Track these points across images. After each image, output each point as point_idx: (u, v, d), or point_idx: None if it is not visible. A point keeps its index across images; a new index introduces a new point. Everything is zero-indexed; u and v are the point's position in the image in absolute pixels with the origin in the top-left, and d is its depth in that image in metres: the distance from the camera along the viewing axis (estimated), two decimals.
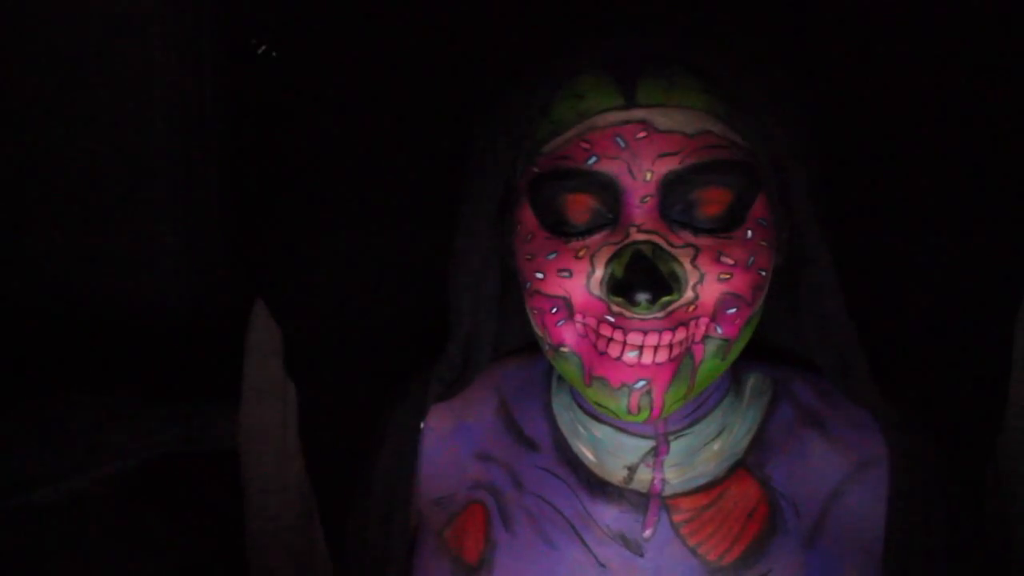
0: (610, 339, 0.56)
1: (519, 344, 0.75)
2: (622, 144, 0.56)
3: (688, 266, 0.55)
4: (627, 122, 0.56)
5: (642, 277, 0.53)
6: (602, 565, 0.63)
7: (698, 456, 0.64)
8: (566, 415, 0.67)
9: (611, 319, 0.56)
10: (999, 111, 0.84)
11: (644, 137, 0.56)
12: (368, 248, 0.94)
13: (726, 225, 0.56)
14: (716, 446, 0.64)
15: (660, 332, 0.55)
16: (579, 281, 0.56)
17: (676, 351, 0.56)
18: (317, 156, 0.98)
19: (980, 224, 0.84)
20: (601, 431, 0.65)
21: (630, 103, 0.57)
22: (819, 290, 0.64)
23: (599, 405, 0.58)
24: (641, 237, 0.55)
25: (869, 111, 0.84)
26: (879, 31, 0.84)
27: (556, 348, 0.59)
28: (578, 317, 0.57)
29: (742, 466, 0.64)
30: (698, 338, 0.56)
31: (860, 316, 0.65)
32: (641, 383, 0.56)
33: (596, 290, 0.56)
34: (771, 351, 0.71)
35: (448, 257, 0.68)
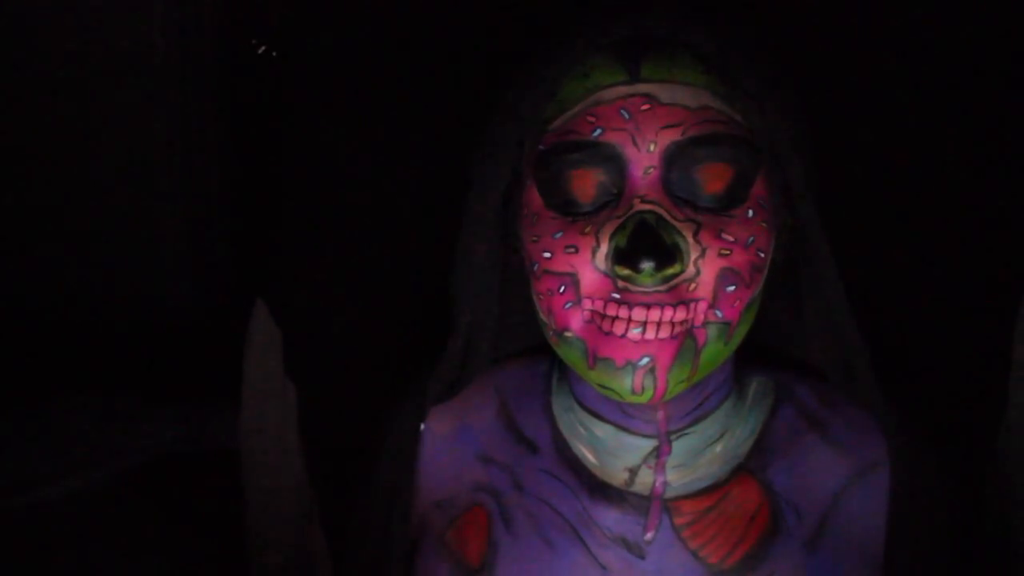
0: (615, 318, 0.57)
1: (520, 348, 0.75)
2: (626, 116, 0.57)
3: (690, 239, 0.56)
4: (632, 95, 0.58)
5: (646, 245, 0.54)
6: (603, 568, 0.63)
7: (700, 458, 0.64)
8: (566, 416, 0.67)
9: (617, 296, 0.57)
10: (1000, 109, 0.84)
11: (648, 109, 0.57)
12: (369, 248, 0.94)
13: (727, 203, 0.58)
14: (718, 448, 0.64)
15: (662, 307, 0.56)
16: (585, 257, 0.57)
17: (678, 329, 0.57)
18: (318, 155, 0.98)
19: (980, 224, 0.84)
20: (603, 430, 0.65)
21: (634, 79, 0.58)
22: (820, 285, 0.64)
23: (603, 387, 0.58)
24: (645, 207, 0.56)
25: (869, 105, 0.84)
26: (881, 24, 0.84)
27: (560, 333, 0.60)
28: (586, 303, 0.58)
29: (744, 469, 0.64)
30: (699, 323, 0.57)
31: (859, 316, 0.65)
32: (645, 360, 0.56)
33: (602, 265, 0.57)
34: (774, 355, 0.71)
35: (450, 256, 0.68)
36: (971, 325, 0.84)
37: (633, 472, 0.64)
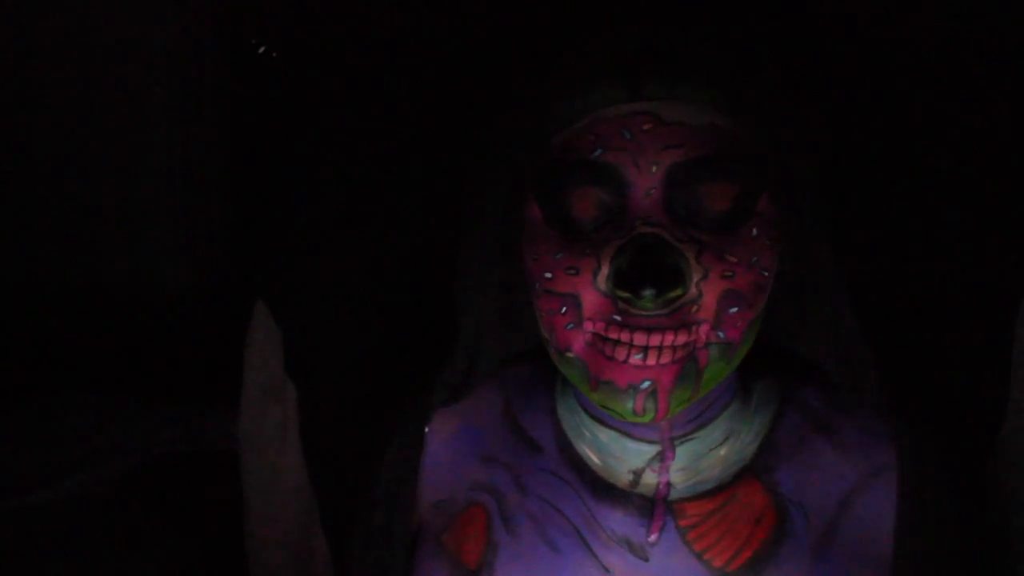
0: (616, 342, 0.56)
1: (523, 347, 0.75)
2: (628, 136, 0.56)
3: (692, 261, 0.55)
4: (633, 114, 0.56)
5: (648, 270, 0.53)
6: (606, 569, 0.62)
7: (704, 461, 0.64)
8: (570, 418, 0.67)
9: (618, 318, 0.56)
10: (1000, 112, 0.84)
11: (650, 129, 0.56)
12: (370, 248, 0.94)
13: (731, 222, 0.56)
14: (723, 451, 0.64)
15: (664, 332, 0.55)
16: (586, 278, 0.56)
17: (680, 354, 0.56)
18: (318, 155, 0.98)
19: (981, 225, 0.85)
20: (606, 435, 0.64)
21: (636, 96, 0.57)
22: (824, 290, 0.64)
23: (605, 408, 0.58)
24: (646, 230, 0.55)
25: (871, 110, 0.84)
26: (884, 35, 0.84)
27: (562, 353, 0.59)
28: (587, 326, 0.57)
29: (750, 472, 0.64)
30: (701, 344, 0.56)
31: (860, 317, 0.65)
32: (646, 383, 0.56)
33: (603, 286, 0.56)
34: (779, 358, 0.71)
35: (452, 258, 0.67)
36: (972, 326, 0.84)
37: (637, 474, 0.64)
